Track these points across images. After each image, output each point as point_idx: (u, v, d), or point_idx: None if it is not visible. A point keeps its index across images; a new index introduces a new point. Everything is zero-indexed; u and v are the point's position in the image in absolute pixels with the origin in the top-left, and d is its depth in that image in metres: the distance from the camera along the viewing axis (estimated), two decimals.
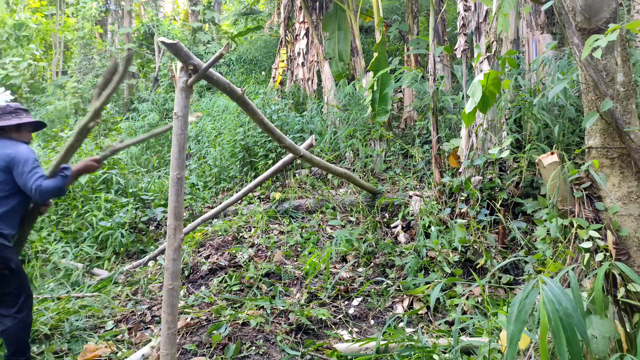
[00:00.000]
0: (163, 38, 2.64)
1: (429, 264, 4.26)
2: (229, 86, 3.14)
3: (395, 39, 11.33)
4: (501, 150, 4.38)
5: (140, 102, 13.58)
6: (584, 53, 2.12)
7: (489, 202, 4.53)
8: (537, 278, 1.80)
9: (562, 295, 1.63)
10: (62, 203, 5.91)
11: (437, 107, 5.31)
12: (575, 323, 1.61)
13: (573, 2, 2.37)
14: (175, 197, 2.75)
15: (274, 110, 7.34)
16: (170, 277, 2.71)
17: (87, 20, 16.71)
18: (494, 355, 2.49)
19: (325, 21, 9.00)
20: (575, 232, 2.36)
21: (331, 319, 3.74)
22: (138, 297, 4.30)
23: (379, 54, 6.62)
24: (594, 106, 2.36)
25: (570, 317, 1.60)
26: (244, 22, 15.18)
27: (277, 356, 3.25)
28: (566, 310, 1.62)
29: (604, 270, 2.15)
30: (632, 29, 2.25)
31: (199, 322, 3.71)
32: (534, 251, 3.94)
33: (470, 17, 5.54)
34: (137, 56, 17.21)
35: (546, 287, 1.70)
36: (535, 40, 5.67)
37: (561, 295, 1.63)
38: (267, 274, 4.53)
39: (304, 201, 5.91)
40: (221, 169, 7.25)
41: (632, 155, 2.29)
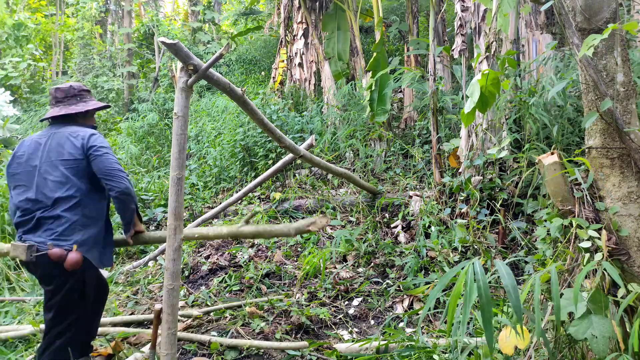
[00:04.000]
0: (163, 38, 2.64)
1: (429, 264, 4.26)
2: (229, 86, 3.14)
3: (395, 39, 11.33)
4: (500, 150, 4.38)
5: (140, 102, 13.58)
6: (581, 52, 2.12)
7: (489, 202, 4.53)
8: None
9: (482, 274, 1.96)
10: None
11: (436, 107, 5.31)
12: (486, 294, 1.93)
13: (573, 2, 2.37)
14: (175, 197, 2.75)
15: (274, 110, 7.34)
16: (170, 277, 2.71)
17: (87, 20, 16.71)
18: (494, 355, 2.49)
19: (325, 21, 9.00)
20: (575, 232, 2.36)
21: (331, 319, 3.74)
22: (138, 297, 4.30)
23: (378, 54, 6.62)
24: (594, 106, 2.36)
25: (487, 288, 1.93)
26: (244, 22, 15.18)
27: (278, 356, 3.25)
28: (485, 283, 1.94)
29: (589, 268, 2.16)
30: (630, 30, 2.25)
31: (200, 322, 3.72)
32: (534, 251, 3.94)
33: (469, 17, 5.55)
34: (137, 56, 17.21)
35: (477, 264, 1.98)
36: (535, 40, 5.67)
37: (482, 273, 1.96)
38: (267, 274, 4.54)
39: (304, 201, 5.91)
40: (221, 169, 7.25)
41: (632, 155, 2.29)
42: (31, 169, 2.75)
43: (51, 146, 2.76)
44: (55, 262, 2.56)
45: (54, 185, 2.67)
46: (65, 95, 2.90)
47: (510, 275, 1.96)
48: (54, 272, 2.60)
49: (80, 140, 2.73)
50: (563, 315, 2.19)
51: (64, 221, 2.62)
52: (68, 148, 2.72)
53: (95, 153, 2.70)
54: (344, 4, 8.37)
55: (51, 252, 2.55)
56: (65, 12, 18.40)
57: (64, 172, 2.69)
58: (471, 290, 1.93)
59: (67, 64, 18.28)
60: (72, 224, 2.63)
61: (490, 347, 1.89)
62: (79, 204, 2.67)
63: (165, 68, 14.23)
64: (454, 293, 2.00)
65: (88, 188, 2.72)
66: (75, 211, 2.65)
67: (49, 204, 2.64)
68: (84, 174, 2.72)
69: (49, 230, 2.61)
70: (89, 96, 3.00)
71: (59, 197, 2.64)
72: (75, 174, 2.70)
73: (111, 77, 15.24)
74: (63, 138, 2.76)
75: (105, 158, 2.70)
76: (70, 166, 2.70)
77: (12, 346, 3.39)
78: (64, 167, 2.69)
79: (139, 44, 17.07)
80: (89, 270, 2.69)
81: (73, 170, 2.70)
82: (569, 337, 2.28)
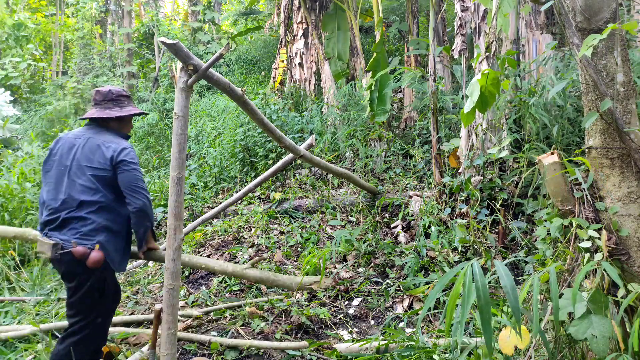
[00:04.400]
0: (163, 38, 2.63)
1: (429, 264, 4.26)
2: (229, 86, 3.14)
3: (395, 39, 11.33)
4: (500, 150, 4.38)
5: (140, 102, 13.58)
6: (581, 52, 2.12)
7: (489, 202, 4.53)
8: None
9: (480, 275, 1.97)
10: None
11: (436, 107, 5.31)
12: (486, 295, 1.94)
13: (573, 2, 2.37)
14: (175, 197, 2.75)
15: (274, 110, 7.34)
16: (171, 277, 2.71)
17: (87, 20, 16.71)
18: (494, 355, 2.49)
19: (325, 21, 9.00)
20: (575, 232, 2.36)
21: (331, 319, 3.74)
22: (138, 297, 4.30)
23: (378, 54, 6.62)
24: (594, 106, 2.36)
25: (485, 289, 1.94)
26: (244, 22, 15.18)
27: (278, 356, 3.26)
28: (484, 284, 1.96)
29: (588, 268, 2.16)
30: (630, 30, 2.25)
31: (200, 322, 3.72)
32: (534, 251, 3.94)
33: (469, 17, 5.54)
34: (137, 56, 17.21)
35: (476, 265, 1.99)
36: (535, 40, 5.67)
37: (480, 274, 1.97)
38: None
39: (304, 201, 5.91)
40: (221, 169, 7.25)
41: (632, 155, 2.29)
42: (63, 168, 2.84)
43: (84, 150, 2.84)
44: (78, 259, 2.65)
45: (82, 188, 2.76)
46: (103, 98, 2.98)
47: (509, 276, 1.96)
48: (77, 270, 2.69)
49: (110, 152, 2.81)
50: (563, 315, 2.19)
51: (89, 222, 2.72)
52: (98, 157, 2.81)
53: (124, 167, 2.79)
54: (344, 4, 8.37)
55: (75, 249, 2.65)
56: (65, 12, 18.41)
57: (91, 178, 2.78)
58: (469, 291, 1.94)
59: (67, 64, 18.29)
60: (96, 226, 2.72)
61: (489, 348, 1.89)
62: (103, 209, 2.77)
63: (165, 68, 14.23)
64: (452, 294, 2.00)
65: (113, 197, 2.82)
66: (99, 214, 2.75)
67: (74, 205, 2.74)
68: (109, 184, 2.81)
69: (73, 230, 2.71)
70: (127, 102, 3.04)
71: (84, 200, 2.74)
72: (101, 182, 2.79)
73: (111, 77, 15.24)
74: (95, 146, 2.84)
75: (131, 174, 2.79)
76: (97, 174, 2.79)
77: (12, 346, 3.39)
78: (91, 174, 2.79)
79: (139, 44, 17.07)
80: (109, 271, 2.79)
81: (99, 178, 2.79)
82: (569, 337, 2.29)
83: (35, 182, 5.86)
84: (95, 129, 2.94)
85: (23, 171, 5.89)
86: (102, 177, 2.78)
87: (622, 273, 2.29)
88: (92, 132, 2.92)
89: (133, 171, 2.80)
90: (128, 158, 2.80)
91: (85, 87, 14.62)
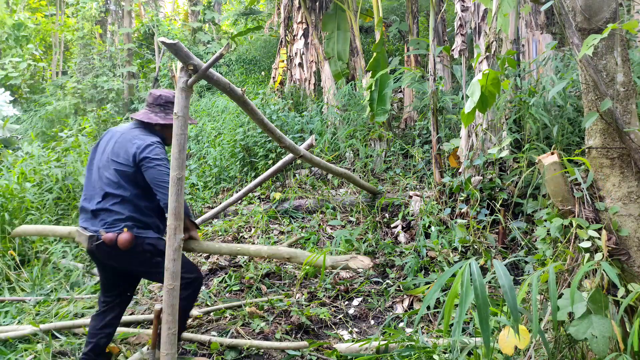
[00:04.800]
0: (163, 38, 2.63)
1: (429, 264, 4.26)
2: (229, 86, 3.14)
3: (395, 39, 11.33)
4: (500, 150, 4.38)
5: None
6: (582, 52, 2.12)
7: (489, 202, 4.53)
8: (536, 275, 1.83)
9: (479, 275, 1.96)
10: (62, 203, 5.91)
11: (436, 107, 5.31)
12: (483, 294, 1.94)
13: (573, 2, 2.37)
14: (175, 197, 2.74)
15: (274, 110, 7.33)
16: (171, 277, 2.71)
17: (87, 20, 16.70)
18: (494, 355, 2.49)
19: (325, 21, 8.99)
20: (575, 232, 2.35)
21: (331, 319, 3.74)
22: (138, 297, 4.30)
23: (378, 54, 6.62)
24: (594, 106, 2.36)
25: (483, 288, 1.93)
26: (244, 22, 15.17)
27: (278, 356, 3.26)
28: (481, 283, 1.95)
29: (587, 269, 2.16)
30: (630, 30, 2.25)
31: (200, 322, 3.72)
32: (534, 251, 3.94)
33: (469, 17, 5.54)
34: (137, 56, 17.21)
35: (474, 264, 1.99)
36: (535, 40, 5.67)
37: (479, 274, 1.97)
38: (267, 274, 4.54)
39: (304, 201, 5.91)
40: (221, 169, 7.25)
41: (632, 155, 2.29)
42: (97, 161, 2.96)
43: (115, 145, 2.92)
44: (111, 245, 2.77)
45: (107, 181, 2.85)
46: (152, 101, 3.06)
47: (507, 275, 1.97)
48: (114, 253, 2.81)
49: (134, 149, 2.84)
50: (563, 315, 2.19)
51: (114, 214, 2.81)
52: (123, 153, 2.86)
53: (148, 164, 2.82)
54: (344, 4, 8.37)
55: (104, 236, 2.77)
56: (65, 12, 18.39)
57: (114, 173, 2.85)
58: (467, 290, 1.94)
59: (67, 64, 18.28)
60: (120, 217, 2.81)
61: (487, 347, 1.90)
62: (127, 202, 2.84)
63: (165, 68, 14.23)
64: (450, 293, 2.00)
65: (137, 192, 2.86)
66: (123, 206, 2.83)
67: (101, 197, 2.84)
68: (132, 180, 2.85)
69: (102, 221, 2.82)
70: None
71: (108, 192, 2.83)
72: (124, 178, 2.85)
73: (111, 77, 15.23)
74: (125, 141, 2.90)
75: (156, 170, 2.82)
76: (120, 169, 2.85)
77: (12, 346, 3.39)
78: (115, 168, 2.86)
79: (139, 44, 17.07)
80: (146, 243, 2.87)
81: (122, 173, 2.85)
82: (569, 337, 2.29)
83: (35, 182, 5.86)
84: (137, 127, 3.01)
85: (23, 171, 5.89)
86: (124, 172, 2.84)
87: (622, 273, 2.29)
88: (131, 128, 2.99)
89: (157, 167, 2.81)
90: (152, 155, 2.83)
91: (85, 87, 14.61)
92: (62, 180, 5.86)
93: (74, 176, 5.91)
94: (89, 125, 7.47)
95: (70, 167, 6.07)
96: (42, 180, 5.95)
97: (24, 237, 5.16)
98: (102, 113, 10.91)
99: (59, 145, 6.63)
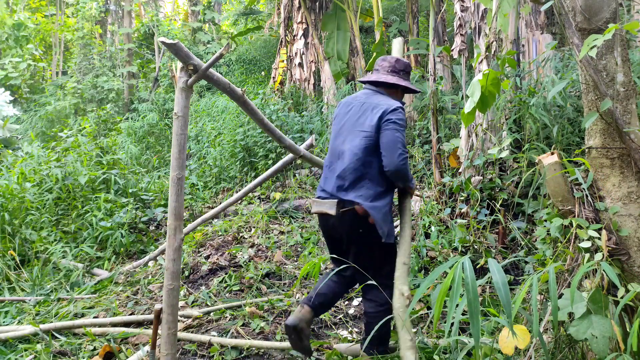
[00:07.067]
0: (163, 38, 2.63)
1: (429, 264, 4.26)
2: (229, 86, 3.14)
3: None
4: (501, 150, 4.38)
5: (140, 102, 13.58)
6: (582, 52, 2.12)
7: (489, 202, 4.53)
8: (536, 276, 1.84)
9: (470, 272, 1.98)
10: (62, 203, 5.91)
11: (436, 107, 5.31)
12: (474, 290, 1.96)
13: (573, 2, 2.37)
14: (175, 197, 2.74)
15: (274, 110, 7.34)
16: (171, 277, 2.71)
17: (87, 20, 16.70)
18: (494, 355, 2.49)
19: (325, 21, 9.00)
20: (575, 232, 2.35)
21: (331, 319, 3.74)
22: (138, 297, 4.30)
23: (378, 54, 6.62)
24: (594, 106, 2.36)
25: (474, 284, 1.95)
26: (244, 22, 15.18)
27: (278, 356, 3.26)
28: (473, 280, 1.97)
29: (586, 269, 2.16)
30: (630, 30, 2.25)
31: (200, 322, 3.72)
32: (534, 251, 3.94)
33: (469, 17, 5.55)
34: (137, 56, 17.22)
35: (466, 261, 2.01)
36: (535, 40, 5.67)
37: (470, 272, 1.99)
38: (267, 274, 4.53)
39: (304, 201, 5.91)
40: (221, 169, 7.26)
41: (632, 155, 2.29)
42: (337, 132, 2.95)
43: (356, 114, 2.88)
44: (360, 216, 2.74)
45: (348, 153, 2.81)
46: (392, 65, 3.01)
47: (501, 272, 1.98)
48: (356, 222, 2.77)
49: (380, 113, 2.79)
50: (563, 315, 2.19)
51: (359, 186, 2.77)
52: (368, 120, 2.81)
53: (386, 127, 2.75)
54: (344, 4, 8.37)
55: (358, 207, 2.73)
56: (65, 12, 18.40)
57: (360, 144, 2.79)
58: (458, 287, 1.95)
59: (67, 64, 18.28)
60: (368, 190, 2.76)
61: (476, 342, 1.93)
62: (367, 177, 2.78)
63: (165, 68, 14.24)
64: (441, 290, 2.01)
65: (379, 164, 2.79)
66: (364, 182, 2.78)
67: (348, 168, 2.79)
68: (375, 147, 2.78)
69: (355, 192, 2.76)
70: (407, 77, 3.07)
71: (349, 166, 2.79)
72: (366, 145, 2.79)
73: (111, 77, 15.24)
74: (368, 109, 2.86)
75: (391, 133, 2.73)
76: (364, 137, 2.79)
77: (12, 346, 3.39)
78: (359, 138, 2.80)
79: (139, 44, 17.08)
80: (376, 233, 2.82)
81: (365, 140, 2.78)
82: (569, 337, 2.29)
83: (35, 182, 5.86)
84: (371, 92, 2.97)
85: (23, 171, 5.89)
86: (367, 139, 2.78)
87: (622, 273, 2.29)
88: (368, 96, 2.95)
89: (394, 131, 2.73)
90: (394, 117, 2.76)
91: (85, 87, 14.61)
92: (62, 180, 5.85)
93: (74, 176, 5.91)
94: (89, 125, 7.46)
95: (70, 167, 6.07)
96: (42, 180, 5.94)
97: (24, 237, 5.17)
98: (102, 113, 10.92)
99: (59, 145, 6.62)
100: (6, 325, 3.70)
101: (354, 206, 2.76)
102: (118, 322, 3.68)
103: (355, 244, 2.89)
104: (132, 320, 3.74)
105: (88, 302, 4.17)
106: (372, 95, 2.96)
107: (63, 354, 3.34)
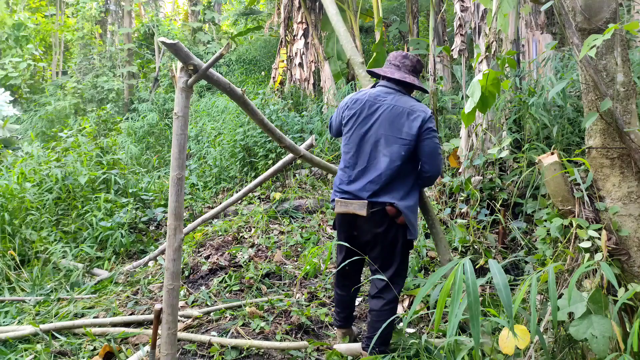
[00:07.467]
0: (163, 38, 2.63)
1: (429, 264, 4.26)
2: (229, 86, 3.14)
3: (395, 39, 11.34)
4: (500, 150, 4.38)
5: (140, 102, 13.59)
6: (582, 52, 2.12)
7: (489, 202, 4.53)
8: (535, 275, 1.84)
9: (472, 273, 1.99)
10: (62, 203, 5.91)
11: (436, 107, 5.31)
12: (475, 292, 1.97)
13: (573, 2, 2.37)
14: (175, 197, 2.74)
15: (274, 110, 7.33)
16: (171, 278, 2.71)
17: (87, 20, 16.71)
18: (494, 355, 2.49)
19: (324, 21, 9.00)
20: (575, 232, 2.35)
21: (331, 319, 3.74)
22: (138, 297, 4.30)
23: (378, 54, 6.62)
24: (594, 106, 2.36)
25: (475, 285, 1.96)
26: (244, 22, 15.18)
27: (278, 356, 3.26)
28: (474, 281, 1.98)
29: (584, 270, 2.16)
30: (630, 30, 2.25)
31: (200, 322, 3.72)
32: (534, 251, 3.94)
33: (469, 17, 5.55)
34: (137, 56, 17.22)
35: (467, 263, 2.02)
36: (535, 40, 5.67)
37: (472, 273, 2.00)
38: (267, 274, 4.53)
39: (304, 201, 5.91)
40: (221, 169, 7.25)
41: (632, 155, 2.29)
42: (363, 133, 2.89)
43: (388, 117, 2.85)
44: (390, 216, 2.80)
45: (384, 159, 2.82)
46: (402, 62, 2.99)
47: (502, 273, 1.98)
48: (385, 221, 2.82)
49: (420, 121, 2.80)
50: (563, 315, 2.19)
51: (389, 188, 2.81)
52: (406, 128, 2.81)
53: (426, 136, 2.80)
54: (344, 4, 8.37)
55: (388, 208, 2.79)
56: (65, 12, 18.40)
57: (399, 151, 2.81)
58: (459, 288, 1.96)
59: (67, 64, 18.29)
60: (399, 191, 2.81)
61: (476, 343, 1.94)
62: (399, 178, 2.83)
63: (165, 68, 14.24)
64: (442, 291, 2.02)
65: (411, 167, 2.88)
66: (395, 184, 2.82)
67: (377, 171, 2.82)
68: (411, 154, 2.84)
69: (387, 194, 2.81)
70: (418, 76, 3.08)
71: (386, 168, 2.80)
72: (404, 153, 2.81)
73: (111, 77, 15.24)
74: (404, 116, 2.84)
75: (432, 142, 2.81)
76: (403, 145, 2.81)
77: (12, 346, 3.38)
78: (397, 145, 2.81)
79: (139, 44, 17.08)
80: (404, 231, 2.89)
81: (405, 148, 2.82)
82: (569, 337, 2.29)
83: (35, 182, 5.86)
84: (394, 92, 2.94)
85: (23, 171, 5.88)
86: (406, 147, 2.80)
87: (622, 273, 2.29)
88: (393, 96, 2.91)
89: (434, 139, 2.82)
90: (432, 125, 2.82)
91: (85, 87, 14.62)
92: (62, 180, 5.85)
93: (74, 176, 5.91)
94: (89, 125, 7.46)
95: (70, 167, 6.07)
96: (42, 180, 5.94)
97: (24, 237, 5.16)
98: (102, 113, 10.92)
99: (59, 145, 6.62)
100: (6, 325, 3.70)
101: (385, 206, 2.81)
102: (118, 322, 3.68)
103: (381, 243, 2.91)
104: (132, 320, 3.74)
105: (88, 302, 4.17)
106: (397, 96, 2.93)
107: (63, 354, 3.34)
